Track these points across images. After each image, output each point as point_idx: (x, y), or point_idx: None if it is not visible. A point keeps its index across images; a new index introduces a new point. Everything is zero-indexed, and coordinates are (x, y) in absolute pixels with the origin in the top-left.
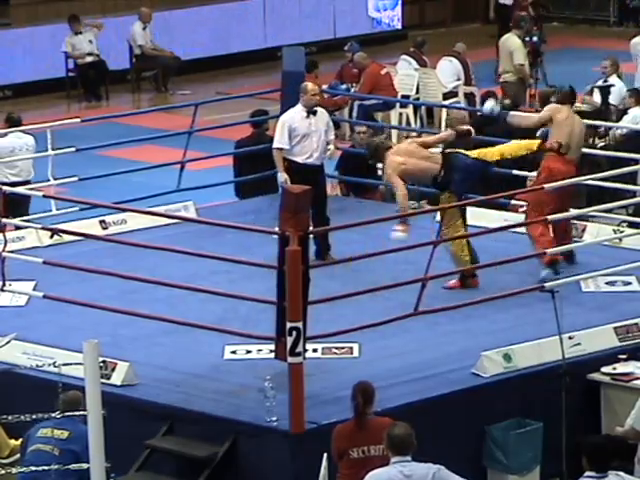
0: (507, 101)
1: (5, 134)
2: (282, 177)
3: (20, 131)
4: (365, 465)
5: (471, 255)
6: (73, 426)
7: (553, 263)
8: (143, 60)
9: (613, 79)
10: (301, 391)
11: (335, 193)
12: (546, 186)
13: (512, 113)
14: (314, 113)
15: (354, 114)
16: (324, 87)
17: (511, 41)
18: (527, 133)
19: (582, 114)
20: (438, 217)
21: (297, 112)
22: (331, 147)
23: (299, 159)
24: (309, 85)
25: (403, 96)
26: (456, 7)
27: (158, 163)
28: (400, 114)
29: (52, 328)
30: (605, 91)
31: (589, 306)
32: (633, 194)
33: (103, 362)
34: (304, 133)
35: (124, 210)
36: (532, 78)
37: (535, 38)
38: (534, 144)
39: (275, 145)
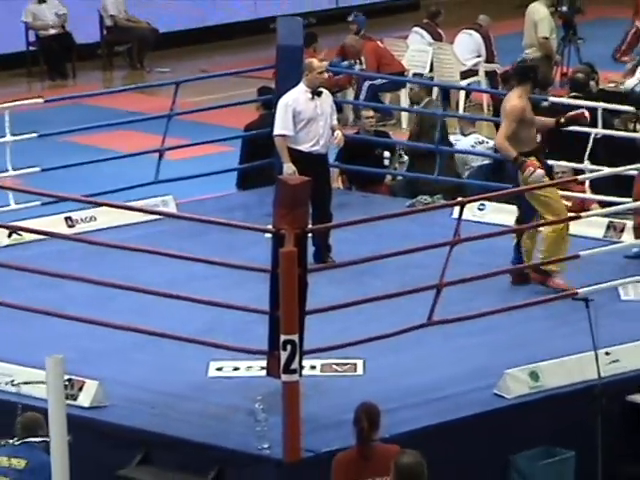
0: None
1: None
2: (289, 169)
3: None
4: None
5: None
6: (32, 454)
7: None
8: (116, 32)
9: None
10: (297, 414)
11: (336, 186)
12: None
13: None
14: (319, 94)
15: (362, 96)
16: (325, 63)
17: (537, 10)
18: None
19: (621, 96)
20: (455, 213)
21: (301, 93)
22: (338, 133)
23: (304, 147)
24: (315, 62)
25: (415, 74)
26: None
27: (133, 151)
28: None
29: (10, 341)
30: None
31: (629, 317)
32: None
33: (69, 380)
34: (310, 117)
35: (94, 204)
36: (561, 54)
37: (565, 8)
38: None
39: (278, 132)
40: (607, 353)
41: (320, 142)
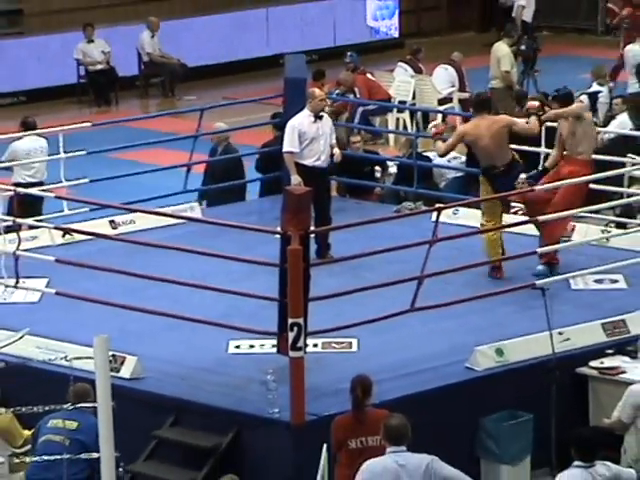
0: None
1: (21, 137)
2: (295, 180)
3: (35, 134)
4: (363, 455)
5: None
6: (82, 417)
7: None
8: (151, 67)
9: (600, 87)
10: (302, 384)
11: (334, 193)
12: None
13: None
14: (320, 118)
15: (355, 120)
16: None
17: (499, 48)
18: None
19: None
20: (434, 217)
21: (305, 117)
22: (336, 150)
23: (308, 162)
24: (316, 91)
25: (400, 101)
26: (451, 16)
27: (165, 165)
28: (397, 119)
29: (64, 323)
30: (593, 98)
31: (578, 303)
32: (620, 196)
33: (112, 356)
34: (312, 137)
35: (132, 210)
36: (520, 85)
37: (523, 47)
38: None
39: (286, 149)
40: (560, 333)
41: (321, 158)
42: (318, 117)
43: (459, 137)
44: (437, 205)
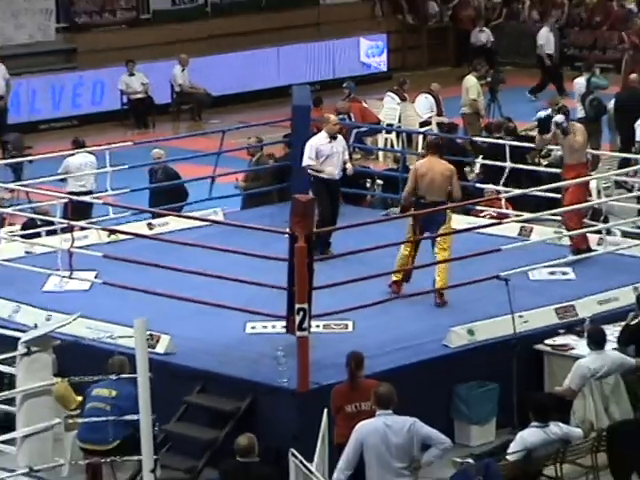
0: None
1: (74, 154)
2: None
3: (86, 151)
4: (357, 417)
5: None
6: (123, 387)
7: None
8: (182, 96)
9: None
10: (307, 358)
11: None
12: None
13: None
14: (335, 138)
15: (351, 140)
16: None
17: (469, 80)
18: None
19: (531, 139)
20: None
21: (321, 137)
22: (349, 165)
23: (324, 175)
24: (331, 117)
25: (388, 124)
26: (430, 54)
27: (193, 177)
28: (386, 139)
29: (109, 308)
30: (547, 122)
31: (535, 291)
32: None
33: (150, 335)
34: (327, 154)
35: (166, 214)
36: (485, 111)
37: (489, 79)
38: None
39: (305, 163)
40: (520, 316)
41: (335, 172)
42: (333, 138)
43: (413, 174)
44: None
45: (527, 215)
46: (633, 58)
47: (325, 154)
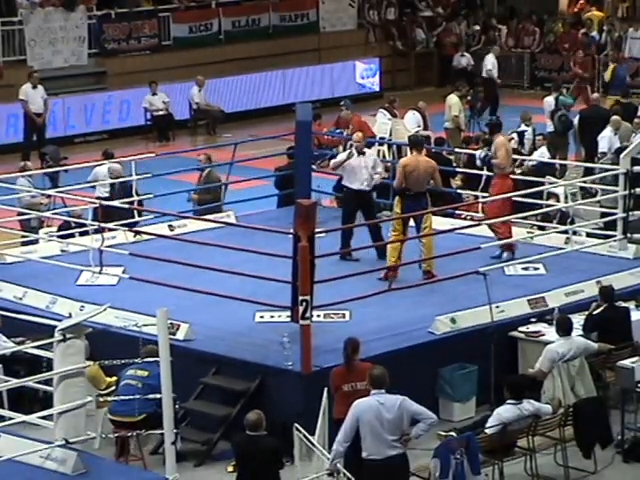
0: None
1: (102, 164)
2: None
3: (115, 162)
4: (353, 396)
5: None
6: (152, 367)
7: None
8: (199, 113)
9: (526, 127)
10: (309, 344)
11: (333, 205)
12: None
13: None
14: (363, 153)
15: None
16: (324, 130)
17: (451, 98)
18: None
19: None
20: (412, 222)
21: (352, 153)
22: (376, 177)
23: (354, 186)
24: (359, 134)
25: (381, 138)
26: (418, 76)
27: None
28: (378, 150)
29: (135, 300)
30: (521, 135)
31: (510, 285)
32: (540, 206)
33: (170, 324)
34: (356, 167)
35: (185, 217)
36: (465, 125)
37: (469, 97)
38: None
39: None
40: (497, 306)
41: (364, 183)
42: (362, 153)
43: (402, 169)
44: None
45: (504, 218)
46: (578, 85)
47: (353, 167)
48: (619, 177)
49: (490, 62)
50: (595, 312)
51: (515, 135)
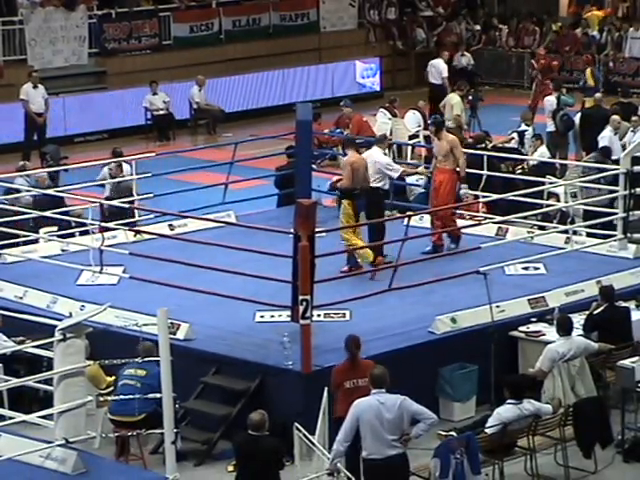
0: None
1: (109, 164)
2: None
3: (121, 161)
4: (355, 393)
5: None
6: (150, 367)
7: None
8: (199, 112)
9: (526, 126)
10: (309, 343)
11: (333, 205)
12: None
13: None
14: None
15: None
16: (325, 130)
17: (452, 98)
18: None
19: (506, 150)
20: (405, 221)
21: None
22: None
23: (373, 184)
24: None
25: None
26: (417, 75)
27: (209, 184)
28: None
29: (135, 300)
30: (521, 134)
31: (510, 284)
32: (541, 206)
33: (171, 323)
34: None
35: (185, 217)
36: (467, 125)
37: (470, 97)
38: None
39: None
40: (497, 306)
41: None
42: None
43: (349, 166)
44: (408, 213)
45: (504, 217)
46: (542, 82)
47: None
48: (619, 177)
49: (443, 68)
50: (595, 312)
51: (515, 135)
